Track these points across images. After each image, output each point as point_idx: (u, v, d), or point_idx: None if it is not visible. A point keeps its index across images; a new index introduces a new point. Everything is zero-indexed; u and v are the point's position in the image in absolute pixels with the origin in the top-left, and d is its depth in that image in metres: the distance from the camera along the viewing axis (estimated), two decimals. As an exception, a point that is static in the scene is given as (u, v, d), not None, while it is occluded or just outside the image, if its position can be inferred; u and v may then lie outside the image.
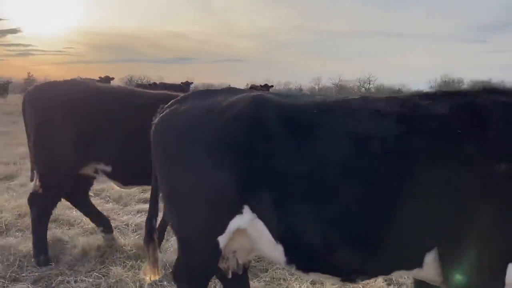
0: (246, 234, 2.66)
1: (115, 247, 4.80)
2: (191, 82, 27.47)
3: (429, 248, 2.40)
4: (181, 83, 26.00)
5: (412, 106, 2.53)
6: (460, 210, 2.31)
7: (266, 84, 22.96)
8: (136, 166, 3.15)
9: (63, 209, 5.75)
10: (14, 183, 7.61)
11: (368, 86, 71.22)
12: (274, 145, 2.52)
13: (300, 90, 58.33)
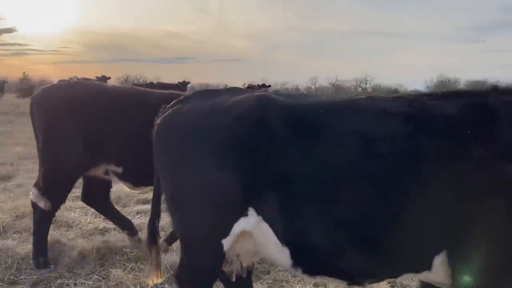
0: (251, 236, 2.62)
1: (114, 249, 4.73)
2: (188, 82, 27.45)
3: (438, 250, 2.35)
4: (178, 82, 25.97)
5: (421, 106, 2.49)
6: (470, 212, 2.27)
7: (263, 84, 22.98)
8: (146, 167, 3.14)
9: (61, 211, 5.60)
10: (11, 184, 7.52)
11: (365, 86, 71.35)
12: (280, 146, 2.47)
13: (297, 90, 58.21)
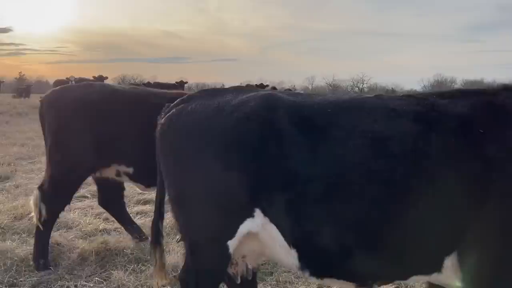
0: (257, 238, 2.57)
1: (115, 250, 4.66)
2: (185, 82, 27.40)
3: (449, 252, 2.31)
4: (176, 82, 25.93)
5: (431, 105, 2.45)
6: (482, 212, 2.23)
7: (261, 84, 22.94)
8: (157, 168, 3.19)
9: (60, 212, 5.60)
10: (9, 184, 7.43)
11: (362, 85, 71.49)
12: (287, 146, 2.42)
13: (294, 89, 58.18)
